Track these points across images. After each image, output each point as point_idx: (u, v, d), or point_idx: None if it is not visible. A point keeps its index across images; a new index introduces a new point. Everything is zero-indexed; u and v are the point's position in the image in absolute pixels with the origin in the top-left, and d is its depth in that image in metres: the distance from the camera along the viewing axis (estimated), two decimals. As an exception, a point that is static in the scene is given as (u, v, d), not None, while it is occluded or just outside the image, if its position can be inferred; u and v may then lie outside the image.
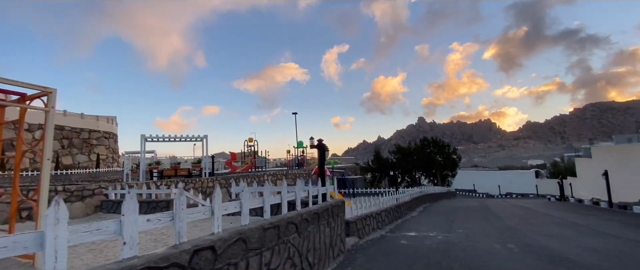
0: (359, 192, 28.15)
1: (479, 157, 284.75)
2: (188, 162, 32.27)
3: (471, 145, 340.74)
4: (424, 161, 36.82)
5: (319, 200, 5.83)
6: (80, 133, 40.11)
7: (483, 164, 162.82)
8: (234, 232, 3.16)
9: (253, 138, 35.57)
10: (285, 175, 23.22)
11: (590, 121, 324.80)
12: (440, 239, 7.87)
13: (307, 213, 4.81)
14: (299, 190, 4.90)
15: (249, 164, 32.04)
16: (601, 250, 6.22)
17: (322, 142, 6.84)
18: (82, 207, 10.25)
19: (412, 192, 17.48)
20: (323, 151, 6.84)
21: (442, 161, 37.50)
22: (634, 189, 15.75)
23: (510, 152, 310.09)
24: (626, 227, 9.51)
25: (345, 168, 40.71)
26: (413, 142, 42.39)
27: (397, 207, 12.59)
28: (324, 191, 6.14)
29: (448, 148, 38.52)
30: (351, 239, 7.31)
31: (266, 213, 4.00)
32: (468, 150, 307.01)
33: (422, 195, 19.39)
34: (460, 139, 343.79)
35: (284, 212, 4.46)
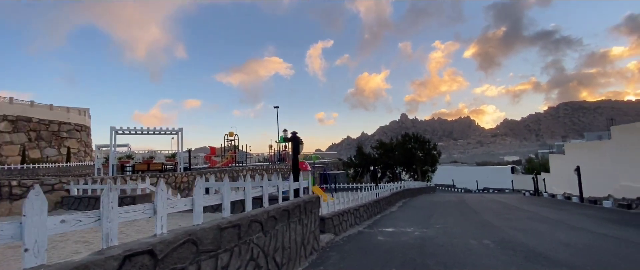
0: (341, 187, 28.02)
1: (459, 153, 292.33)
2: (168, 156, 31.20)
3: (451, 141, 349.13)
4: (405, 157, 37.19)
5: (290, 197, 5.50)
6: (49, 125, 38.00)
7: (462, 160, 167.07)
8: (182, 233, 2.79)
9: (234, 132, 34.77)
10: (266, 170, 22.77)
11: (562, 119, 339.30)
12: (418, 234, 7.73)
13: (275, 210, 4.47)
14: (266, 186, 4.55)
15: (229, 158, 31.27)
16: (574, 245, 6.21)
17: (296, 135, 6.49)
18: (40, 203, 9.51)
19: (392, 187, 17.45)
20: (297, 145, 6.50)
21: (423, 157, 37.99)
22: (603, 184, 16.30)
23: (488, 148, 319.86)
24: (597, 221, 9.71)
25: (328, 163, 40.59)
26: (395, 138, 42.74)
27: (377, 202, 12.46)
28: (296, 186, 5.81)
29: (428, 144, 39.05)
30: (326, 236, 7.04)
31: (225, 211, 3.63)
32: (448, 146, 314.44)
33: (402, 190, 19.43)
34: (441, 135, 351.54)
35: (248, 209, 4.11)
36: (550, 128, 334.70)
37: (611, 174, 15.89)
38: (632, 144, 14.77)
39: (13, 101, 34.58)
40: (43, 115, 37.32)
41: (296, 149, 6.60)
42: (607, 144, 17.03)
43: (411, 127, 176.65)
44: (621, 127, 16.12)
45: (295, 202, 5.20)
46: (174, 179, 15.10)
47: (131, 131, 17.13)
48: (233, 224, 3.48)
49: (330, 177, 30.43)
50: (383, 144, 41.31)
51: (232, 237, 3.45)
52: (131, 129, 16.78)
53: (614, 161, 15.97)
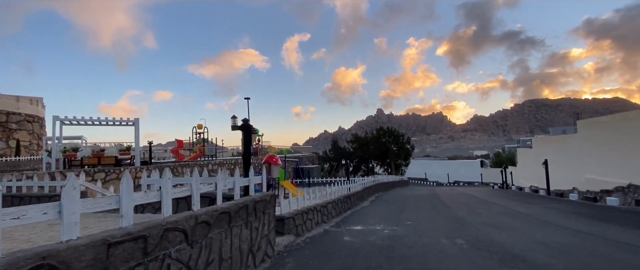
0: (315, 181, 27.39)
1: (431, 148, 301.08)
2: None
3: (424, 136, 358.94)
4: (379, 150, 37.06)
5: (235, 195, 4.61)
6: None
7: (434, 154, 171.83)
8: (31, 255, 1.86)
9: (202, 125, 33.09)
10: (236, 164, 21.58)
11: (527, 116, 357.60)
12: (387, 233, 7.09)
13: (208, 214, 3.58)
14: (195, 183, 3.64)
15: (197, 152, 29.72)
16: (552, 244, 5.77)
17: (247, 122, 5.54)
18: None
19: (365, 182, 16.93)
20: (249, 134, 5.57)
21: (397, 150, 38.05)
22: (569, 177, 16.60)
23: (458, 143, 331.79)
24: (568, 216, 9.55)
25: (303, 157, 39.77)
26: (370, 132, 42.56)
27: (348, 197, 11.80)
28: (244, 183, 4.92)
29: (402, 138, 39.15)
30: (285, 239, 6.22)
31: (125, 219, 2.69)
32: (421, 141, 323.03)
33: (375, 185, 18.99)
34: (414, 130, 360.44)
35: (167, 213, 3.19)
36: (516, 124, 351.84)
37: (577, 167, 16.18)
38: (596, 138, 15.04)
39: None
40: (14, 108, 33.78)
41: (247, 139, 5.69)
42: (573, 138, 17.37)
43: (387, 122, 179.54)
44: (586, 122, 16.45)
45: (240, 203, 4.32)
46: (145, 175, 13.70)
47: (80, 121, 15.41)
48: (134, 236, 2.56)
49: (304, 171, 29.66)
50: (358, 138, 41.00)
51: (133, 254, 2.54)
52: (79, 119, 15.06)
53: (580, 155, 16.27)
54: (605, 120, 14.83)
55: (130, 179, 2.79)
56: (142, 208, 6.92)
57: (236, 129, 5.49)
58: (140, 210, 6.94)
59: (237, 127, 5.53)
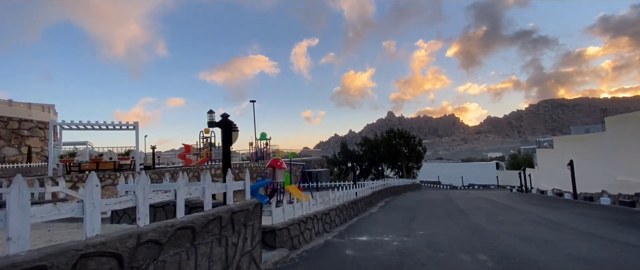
0: (323, 185, 26.55)
1: (444, 150, 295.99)
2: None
3: (436, 138, 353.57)
4: (390, 153, 35.91)
5: (205, 206, 3.79)
6: (8, 123, 34.96)
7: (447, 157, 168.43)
8: None
9: (209, 129, 32.74)
10: (239, 169, 20.91)
11: (543, 116, 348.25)
12: (396, 246, 6.16)
13: (159, 230, 2.77)
14: (141, 192, 2.84)
15: (204, 157, 29.33)
16: (599, 263, 4.74)
17: (227, 119, 4.72)
18: None
19: (374, 186, 15.97)
20: (229, 132, 4.73)
21: (408, 153, 36.80)
22: (596, 179, 15.24)
23: (472, 145, 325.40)
24: (606, 224, 8.39)
25: (311, 161, 38.95)
26: (380, 135, 41.45)
27: (354, 203, 10.88)
28: (218, 190, 4.10)
29: (414, 140, 37.90)
30: (276, 254, 5.36)
31: (13, 243, 1.90)
32: (433, 143, 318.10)
33: (385, 189, 17.98)
34: (426, 132, 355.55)
35: (180, 215, 2.39)
36: (531, 125, 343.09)
37: (605, 168, 14.82)
38: (628, 135, 13.70)
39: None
40: (1, 112, 34.27)
41: (227, 137, 4.84)
42: (601, 137, 15.99)
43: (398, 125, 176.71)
44: (617, 119, 15.08)
45: (210, 215, 3.49)
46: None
47: (79, 126, 15.02)
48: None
49: (312, 175, 28.83)
50: (368, 141, 39.95)
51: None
52: (78, 124, 14.66)
53: (609, 155, 14.91)
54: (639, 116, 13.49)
55: (21, 186, 1.99)
56: (118, 217, 6.22)
57: (214, 126, 4.69)
58: (116, 219, 6.25)
59: (215, 123, 4.72)
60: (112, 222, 6.28)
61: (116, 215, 6.23)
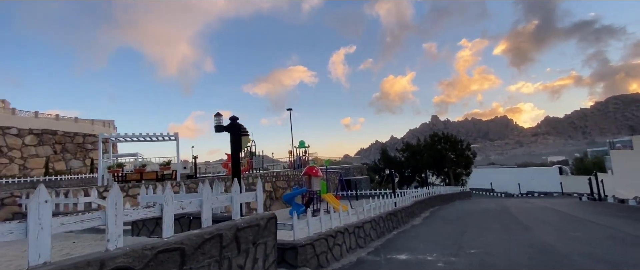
0: (363, 194, 25.59)
1: (496, 155, 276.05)
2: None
3: (487, 142, 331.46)
4: (434, 159, 33.70)
5: (203, 222, 3.25)
6: (74, 137, 38.85)
7: (500, 162, 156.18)
8: None
9: (250, 138, 33.44)
10: (276, 177, 20.74)
11: (613, 114, 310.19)
12: (441, 268, 5.18)
13: (132, 254, 2.27)
14: (112, 211, 2.35)
15: (245, 165, 29.90)
16: None
17: (236, 122, 4.19)
18: (-18, 222, 8.07)
19: (416, 194, 14.70)
20: (238, 137, 4.21)
21: (455, 158, 34.27)
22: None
23: (528, 148, 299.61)
24: None
25: (350, 168, 37.99)
26: (423, 139, 39.28)
27: (393, 214, 9.88)
28: (219, 203, 3.55)
29: (461, 144, 35.26)
30: (298, 274, 4.71)
31: None
32: (484, 147, 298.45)
33: (429, 197, 16.55)
34: (475, 136, 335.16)
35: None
36: (599, 124, 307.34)
37: None
38: None
39: (38, 115, 35.53)
40: (68, 128, 38.17)
41: (237, 143, 4.32)
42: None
43: (443, 129, 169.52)
44: None
45: (206, 233, 2.95)
46: (161, 190, 13.42)
47: (126, 138, 15.86)
48: None
49: (352, 183, 27.95)
50: (410, 146, 38.03)
51: None
52: (123, 136, 15.49)
53: None
54: None
55: None
56: (138, 228, 6.00)
57: (221, 130, 4.23)
58: (136, 231, 6.03)
59: (222, 127, 4.25)
60: (133, 233, 6.09)
61: (136, 226, 6.02)
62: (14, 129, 31.07)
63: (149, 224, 5.79)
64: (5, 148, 31.04)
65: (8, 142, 31.19)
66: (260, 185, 4.09)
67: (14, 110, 33.85)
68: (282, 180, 20.86)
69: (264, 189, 18.85)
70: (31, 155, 34.26)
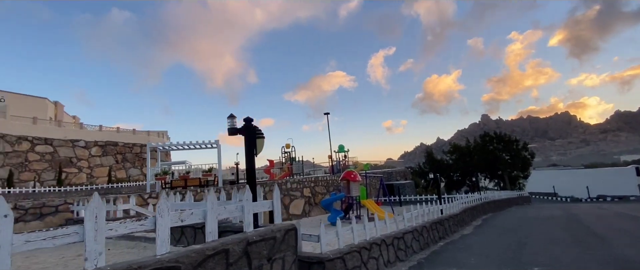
0: (407, 199, 24.42)
1: (558, 155, 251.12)
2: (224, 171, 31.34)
3: (547, 142, 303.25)
4: (486, 161, 31.17)
5: (208, 236, 2.89)
6: (132, 148, 42.41)
7: (563, 163, 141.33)
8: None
9: (290, 144, 33.75)
10: (315, 182, 20.41)
11: None
12: (498, 290, 4.34)
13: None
14: (91, 221, 2.07)
15: (286, 171, 30.20)
16: None
17: (250, 122, 3.81)
18: (40, 226, 8.72)
19: (466, 200, 13.41)
20: (253, 139, 3.81)
21: (510, 159, 31.38)
22: None
23: (596, 147, 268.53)
24: None
25: (392, 172, 36.57)
26: (473, 140, 36.65)
27: (439, 223, 8.95)
28: (227, 214, 3.18)
29: (516, 144, 32.22)
30: (326, 293, 4.20)
31: None
32: (543, 147, 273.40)
33: (482, 204, 15.06)
34: (533, 135, 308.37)
35: None
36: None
37: None
38: None
39: (102, 129, 39.28)
40: (127, 139, 41.76)
41: (250, 146, 3.93)
42: None
43: (495, 129, 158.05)
44: None
45: (207, 249, 2.59)
46: (203, 195, 13.74)
47: (172, 147, 16.63)
48: None
49: (395, 188, 26.84)
50: (458, 148, 35.68)
51: None
52: (168, 145, 16.27)
53: None
54: None
55: None
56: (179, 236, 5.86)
57: (235, 133, 3.89)
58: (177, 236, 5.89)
59: (236, 129, 3.91)
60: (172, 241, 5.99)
61: (178, 233, 5.88)
62: (82, 142, 34.29)
63: (187, 232, 5.60)
64: (74, 159, 34.30)
65: (77, 154, 34.45)
66: (277, 193, 3.68)
67: (81, 125, 37.73)
68: (321, 185, 20.48)
69: (302, 194, 18.60)
70: (96, 165, 37.89)
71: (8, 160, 27.89)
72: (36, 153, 30.16)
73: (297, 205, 18.07)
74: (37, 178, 29.57)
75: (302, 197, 18.59)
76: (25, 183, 28.13)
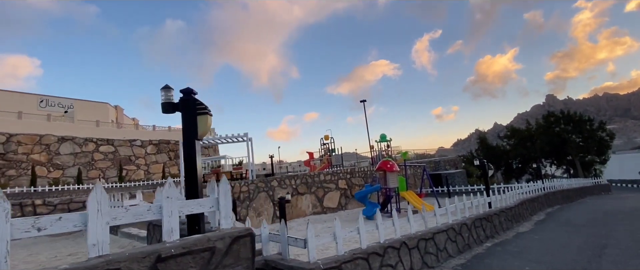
0: (456, 190, 22.32)
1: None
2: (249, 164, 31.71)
3: (629, 121, 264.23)
4: (551, 144, 27.20)
5: (90, 250, 2.03)
6: (168, 144, 45.23)
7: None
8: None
9: (329, 135, 32.94)
10: (351, 173, 19.28)
11: None
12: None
13: None
14: None
15: (325, 163, 29.55)
16: None
17: (189, 95, 2.86)
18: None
19: (525, 191, 11.34)
20: (192, 115, 2.87)
21: (582, 142, 27.03)
22: None
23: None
24: None
25: (441, 161, 33.85)
26: (534, 122, 32.41)
27: (486, 219, 7.37)
28: (121, 218, 2.28)
29: (589, 124, 27.63)
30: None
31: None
32: (625, 128, 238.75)
33: (545, 194, 12.75)
34: (611, 115, 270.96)
35: None
36: None
37: None
38: None
39: (155, 128, 42.06)
40: (178, 138, 44.40)
41: (190, 126, 3.00)
42: None
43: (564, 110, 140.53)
44: None
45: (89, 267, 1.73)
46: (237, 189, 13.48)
47: (203, 141, 16.76)
48: None
49: (443, 177, 24.71)
50: (516, 131, 31.83)
51: None
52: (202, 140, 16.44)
53: None
54: None
55: None
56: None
57: (170, 110, 3.02)
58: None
59: (172, 105, 3.02)
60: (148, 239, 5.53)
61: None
62: (138, 141, 36.69)
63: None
64: (133, 157, 36.96)
65: (135, 152, 37.08)
66: (224, 187, 2.75)
67: (137, 125, 40.75)
68: (358, 176, 19.30)
69: (338, 186, 17.64)
70: (152, 162, 40.75)
71: (77, 160, 30.75)
72: (100, 153, 32.88)
73: (332, 197, 17.16)
74: (102, 175, 32.29)
75: (338, 189, 17.62)
76: (92, 180, 30.87)
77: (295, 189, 15.44)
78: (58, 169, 29.39)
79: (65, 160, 30.00)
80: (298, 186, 15.67)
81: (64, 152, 30.17)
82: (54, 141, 29.60)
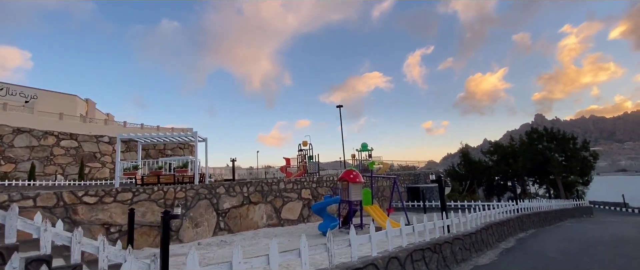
0: (433, 206, 21.07)
1: (628, 159, 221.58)
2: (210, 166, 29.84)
3: (614, 144, 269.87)
4: (533, 162, 26.19)
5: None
6: (156, 145, 43.07)
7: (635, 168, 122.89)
8: None
9: (307, 142, 31.47)
10: (318, 183, 17.75)
11: None
12: None
13: None
14: None
15: (301, 169, 28.04)
16: None
17: None
18: None
19: (490, 212, 9.94)
20: None
21: (564, 161, 26.09)
22: None
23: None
24: None
25: (420, 174, 32.63)
26: (519, 139, 31.52)
27: (431, 249, 5.91)
28: None
29: (573, 142, 26.77)
30: None
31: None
32: (610, 151, 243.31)
33: (517, 217, 11.40)
34: (597, 137, 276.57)
35: None
36: None
37: None
38: None
39: (126, 125, 39.82)
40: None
41: None
42: None
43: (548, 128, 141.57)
44: None
45: None
46: (172, 195, 11.82)
47: (140, 138, 15.15)
48: None
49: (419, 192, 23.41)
50: (499, 147, 30.88)
51: None
52: (140, 136, 14.75)
53: None
54: None
55: None
56: None
57: None
58: None
59: None
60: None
61: None
62: (106, 137, 34.63)
63: None
64: (98, 154, 34.70)
65: (101, 149, 34.88)
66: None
67: (105, 121, 38.54)
68: (325, 186, 17.79)
69: (300, 196, 16.07)
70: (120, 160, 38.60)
71: (34, 154, 28.46)
72: (61, 147, 30.64)
73: (292, 208, 15.56)
74: (61, 172, 29.97)
75: (300, 199, 16.05)
76: (49, 176, 28.56)
77: (247, 197, 13.80)
78: (10, 162, 27.05)
79: (20, 154, 27.66)
80: (250, 194, 14.04)
81: (19, 145, 27.85)
82: (8, 132, 27.30)
